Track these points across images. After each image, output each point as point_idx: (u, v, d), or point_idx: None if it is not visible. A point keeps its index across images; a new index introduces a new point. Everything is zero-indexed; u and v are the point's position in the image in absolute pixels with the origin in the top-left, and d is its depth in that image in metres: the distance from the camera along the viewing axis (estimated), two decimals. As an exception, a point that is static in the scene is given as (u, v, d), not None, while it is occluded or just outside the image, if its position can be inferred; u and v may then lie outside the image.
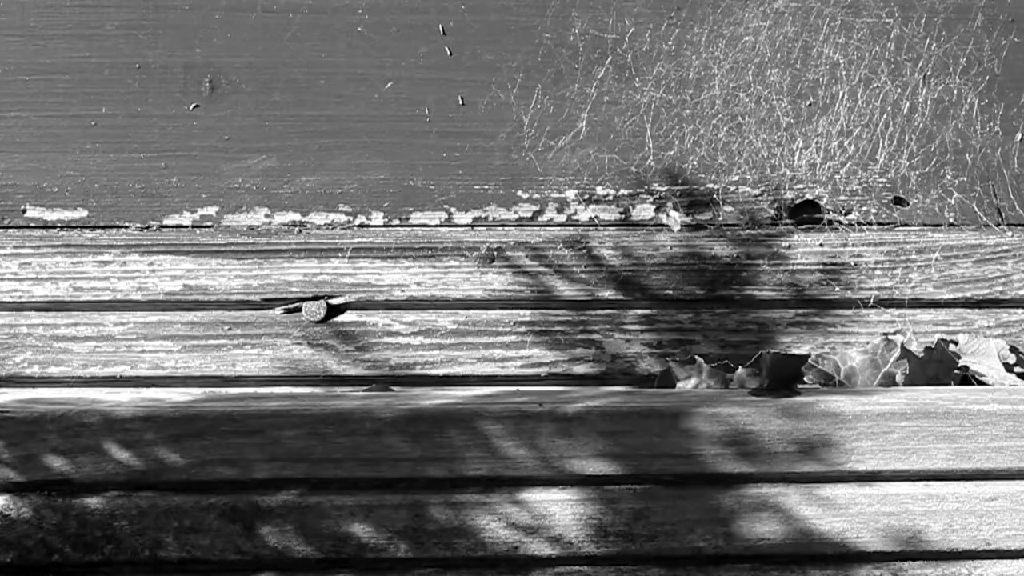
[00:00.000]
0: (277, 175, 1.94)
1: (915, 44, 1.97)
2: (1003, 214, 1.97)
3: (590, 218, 1.95)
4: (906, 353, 1.77)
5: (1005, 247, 1.96)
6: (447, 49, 1.95)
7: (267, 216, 1.94)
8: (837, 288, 1.95)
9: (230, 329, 1.92)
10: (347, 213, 1.94)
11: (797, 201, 1.96)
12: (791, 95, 1.96)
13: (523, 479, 1.50)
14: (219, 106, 1.94)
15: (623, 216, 1.95)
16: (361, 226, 1.95)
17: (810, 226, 1.96)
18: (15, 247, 1.92)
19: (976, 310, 1.95)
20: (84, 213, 1.93)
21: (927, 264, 1.95)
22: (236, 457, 1.49)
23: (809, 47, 1.96)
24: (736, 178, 1.96)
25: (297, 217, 1.94)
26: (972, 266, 1.95)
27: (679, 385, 1.80)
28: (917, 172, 1.97)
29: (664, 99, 1.95)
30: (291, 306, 1.92)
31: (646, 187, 1.96)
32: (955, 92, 1.97)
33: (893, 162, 1.96)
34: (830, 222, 1.96)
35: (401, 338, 1.93)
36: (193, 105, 1.94)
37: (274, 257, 1.93)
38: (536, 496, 1.51)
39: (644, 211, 1.96)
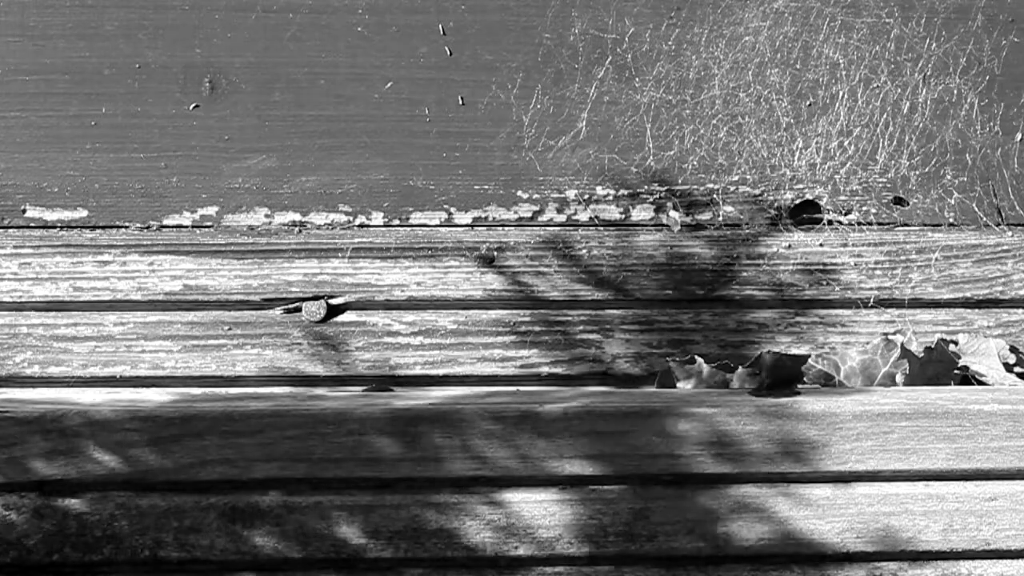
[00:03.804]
0: (277, 175, 1.94)
1: (915, 44, 1.97)
2: (1003, 214, 1.97)
3: (590, 218, 1.95)
4: (906, 353, 1.77)
5: (1005, 247, 1.96)
6: (447, 49, 1.95)
7: (267, 216, 1.94)
8: (837, 288, 1.95)
9: (230, 329, 1.92)
10: (347, 213, 1.94)
11: (797, 201, 1.96)
12: (791, 95, 1.96)
13: (523, 479, 1.51)
14: (219, 106, 1.94)
15: (623, 216, 1.95)
16: (361, 226, 1.95)
17: (810, 226, 1.96)
18: (15, 247, 1.92)
19: (976, 310, 1.95)
20: (84, 213, 1.93)
21: (927, 264, 1.95)
22: (236, 457, 1.49)
23: (809, 47, 1.96)
24: (736, 178, 1.96)
25: (297, 217, 1.94)
26: (972, 266, 1.96)
27: (679, 385, 1.80)
28: (917, 172, 1.97)
29: (664, 99, 1.95)
30: (291, 306, 1.92)
31: (646, 187, 1.96)
32: (955, 92, 1.97)
33: (893, 162, 1.96)
34: (830, 222, 1.96)
35: (401, 338, 1.93)
36: (193, 105, 1.94)
37: (274, 257, 1.93)
38: (536, 496, 1.51)
39: (644, 211, 1.96)
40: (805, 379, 1.75)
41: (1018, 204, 1.97)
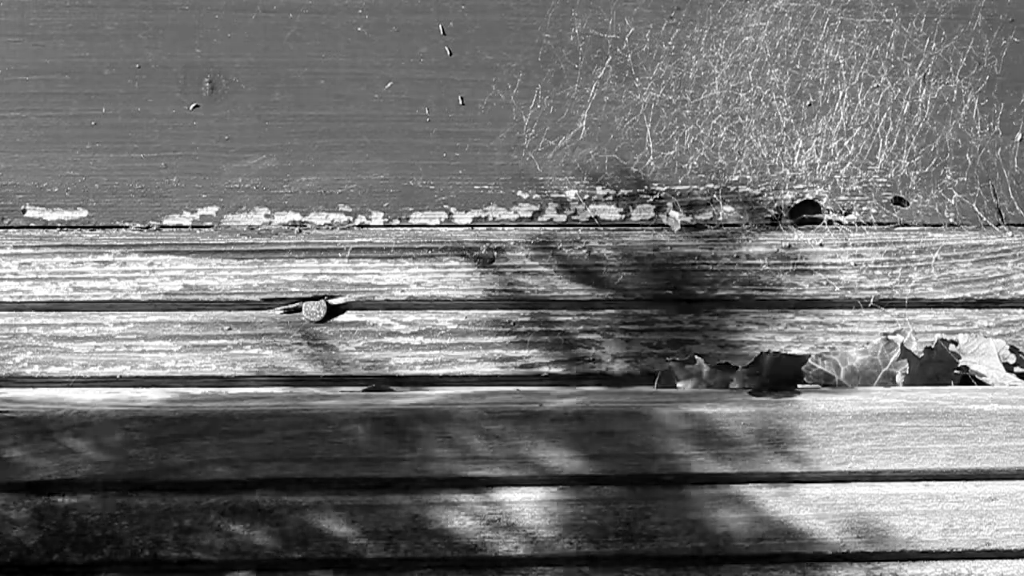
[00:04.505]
0: (277, 175, 1.94)
1: (915, 44, 1.97)
2: (1003, 214, 1.97)
3: (590, 218, 1.95)
4: (906, 353, 1.77)
5: (1005, 247, 1.96)
6: (447, 49, 1.95)
7: (267, 216, 1.94)
8: (837, 288, 1.95)
9: (230, 329, 1.92)
10: (347, 213, 1.94)
11: (797, 201, 1.96)
12: (791, 95, 1.96)
13: (523, 479, 1.51)
14: (219, 106, 1.94)
15: (623, 216, 1.95)
16: (361, 226, 1.95)
17: (810, 226, 1.96)
18: (15, 247, 1.92)
19: (976, 310, 1.95)
20: (84, 213, 1.93)
21: (927, 264, 1.95)
22: (236, 457, 1.49)
23: (809, 47, 1.96)
24: (736, 178, 1.96)
25: (297, 217, 1.94)
26: (972, 266, 1.96)
27: (679, 385, 1.80)
28: (917, 172, 1.97)
29: (664, 99, 1.95)
30: (291, 306, 1.92)
31: (646, 187, 1.96)
32: (955, 92, 1.97)
33: (893, 162, 1.96)
34: (830, 222, 1.96)
35: (401, 338, 1.93)
36: (193, 105, 1.94)
37: (274, 257, 1.93)
38: (536, 496, 1.51)
39: (644, 211, 1.96)
40: (805, 379, 1.75)
41: (1018, 204, 1.97)
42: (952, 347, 1.85)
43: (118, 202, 1.93)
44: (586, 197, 1.95)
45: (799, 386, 1.63)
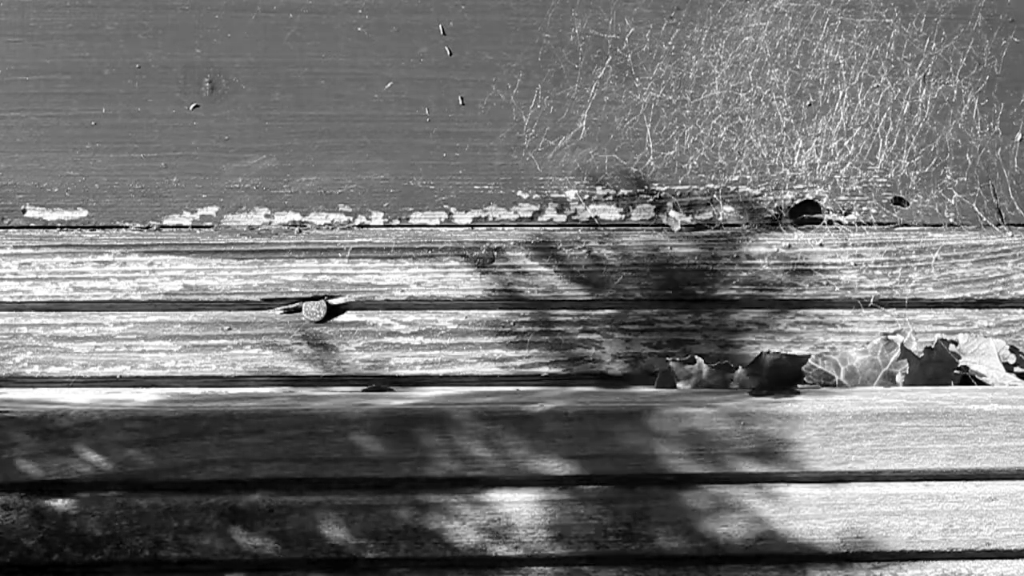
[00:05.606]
0: (277, 175, 1.94)
1: (915, 44, 1.97)
2: (1003, 214, 1.97)
3: (590, 218, 1.95)
4: (906, 353, 1.77)
5: (1005, 247, 1.96)
6: (447, 49, 1.95)
7: (267, 216, 1.94)
8: (837, 288, 1.95)
9: (230, 329, 1.92)
10: (347, 213, 1.94)
11: (797, 201, 1.96)
12: (791, 95, 1.96)
13: (523, 479, 1.51)
14: (219, 106, 1.94)
15: (623, 216, 1.95)
16: (361, 226, 1.95)
17: (810, 226, 1.96)
18: (15, 247, 1.92)
19: (976, 310, 1.95)
20: (84, 213, 1.93)
21: (927, 264, 1.95)
22: (236, 457, 1.49)
23: (809, 47, 1.96)
24: (736, 178, 1.96)
25: (297, 217, 1.94)
26: (972, 266, 1.96)
27: (679, 385, 1.80)
28: (917, 172, 1.97)
29: (664, 99, 1.95)
30: (291, 306, 1.92)
31: (646, 187, 1.96)
32: (955, 92, 1.97)
33: (893, 162, 1.96)
34: (830, 222, 1.96)
35: (401, 338, 1.93)
36: (193, 105, 1.94)
37: (274, 257, 1.93)
38: (536, 496, 1.51)
39: (644, 211, 1.96)
40: (805, 379, 1.75)
41: (1018, 204, 1.97)
42: (952, 347, 1.85)
43: (118, 202, 1.93)
44: (586, 197, 1.95)
45: (799, 386, 1.63)
